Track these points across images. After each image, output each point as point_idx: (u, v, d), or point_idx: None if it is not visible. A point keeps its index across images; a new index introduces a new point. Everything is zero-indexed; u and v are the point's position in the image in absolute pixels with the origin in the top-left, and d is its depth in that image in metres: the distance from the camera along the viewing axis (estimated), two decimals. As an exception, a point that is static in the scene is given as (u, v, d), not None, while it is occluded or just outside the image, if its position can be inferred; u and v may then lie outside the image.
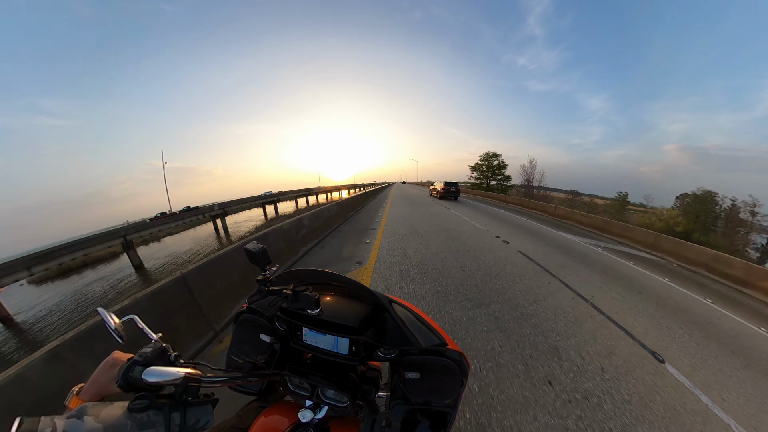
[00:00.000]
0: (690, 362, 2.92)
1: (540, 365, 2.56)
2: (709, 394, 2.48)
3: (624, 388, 2.38)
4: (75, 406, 0.51)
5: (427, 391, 0.78)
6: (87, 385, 0.60)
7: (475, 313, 3.39)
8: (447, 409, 0.78)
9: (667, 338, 3.35)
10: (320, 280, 0.92)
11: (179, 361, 0.64)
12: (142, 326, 0.70)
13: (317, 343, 0.78)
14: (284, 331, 0.87)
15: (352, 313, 0.79)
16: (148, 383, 0.54)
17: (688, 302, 4.69)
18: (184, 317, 2.71)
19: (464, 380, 0.77)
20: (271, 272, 0.88)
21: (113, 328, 0.65)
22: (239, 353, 0.90)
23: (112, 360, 0.62)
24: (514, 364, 2.55)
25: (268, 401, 0.87)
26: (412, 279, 4.42)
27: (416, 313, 0.87)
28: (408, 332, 0.77)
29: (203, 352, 2.70)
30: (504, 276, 4.74)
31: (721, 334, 3.71)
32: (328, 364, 0.80)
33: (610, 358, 2.78)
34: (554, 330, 3.17)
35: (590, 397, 2.25)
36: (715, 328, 3.86)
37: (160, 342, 0.64)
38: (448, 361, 0.76)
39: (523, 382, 2.33)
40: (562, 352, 2.78)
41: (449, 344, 0.79)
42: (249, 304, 0.90)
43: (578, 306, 3.89)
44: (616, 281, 5.15)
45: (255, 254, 0.84)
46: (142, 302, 2.36)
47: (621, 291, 4.67)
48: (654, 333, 3.42)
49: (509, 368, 2.49)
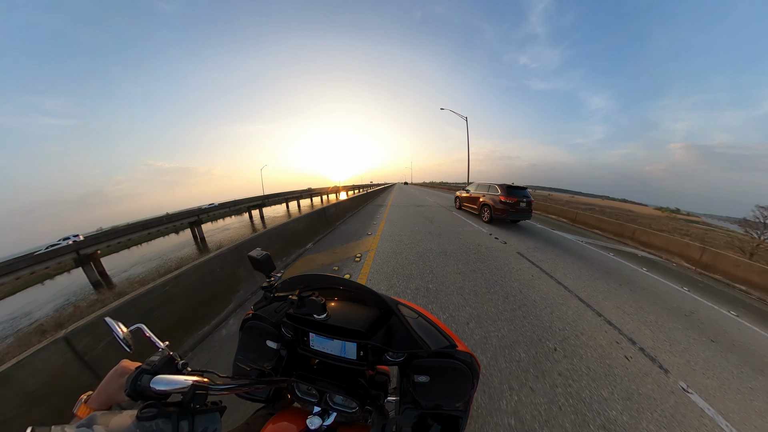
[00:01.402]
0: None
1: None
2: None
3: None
4: (84, 415, 0.52)
5: (437, 394, 0.77)
6: (95, 394, 0.60)
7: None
8: (458, 412, 0.77)
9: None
10: (326, 284, 0.92)
11: (187, 369, 0.65)
12: (149, 335, 0.71)
13: (324, 349, 0.78)
14: (291, 337, 0.87)
15: (359, 317, 0.79)
16: (157, 392, 0.54)
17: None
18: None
19: (475, 382, 0.75)
20: (276, 278, 0.88)
21: (121, 338, 0.66)
22: (246, 360, 0.90)
23: (120, 369, 0.62)
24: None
25: (276, 408, 0.86)
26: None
27: (424, 315, 0.86)
28: (416, 335, 0.76)
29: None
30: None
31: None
32: (336, 369, 0.80)
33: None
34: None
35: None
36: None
37: (168, 350, 0.65)
38: (458, 364, 0.75)
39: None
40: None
41: (459, 346, 0.78)
42: (255, 311, 0.90)
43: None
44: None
45: (259, 261, 0.84)
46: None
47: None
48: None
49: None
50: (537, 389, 2.36)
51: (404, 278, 4.58)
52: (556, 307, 3.96)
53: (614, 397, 2.39)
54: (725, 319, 4.47)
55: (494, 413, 2.09)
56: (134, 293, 2.60)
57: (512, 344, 2.97)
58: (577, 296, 4.42)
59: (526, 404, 2.19)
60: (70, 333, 1.99)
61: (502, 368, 2.58)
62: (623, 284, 5.25)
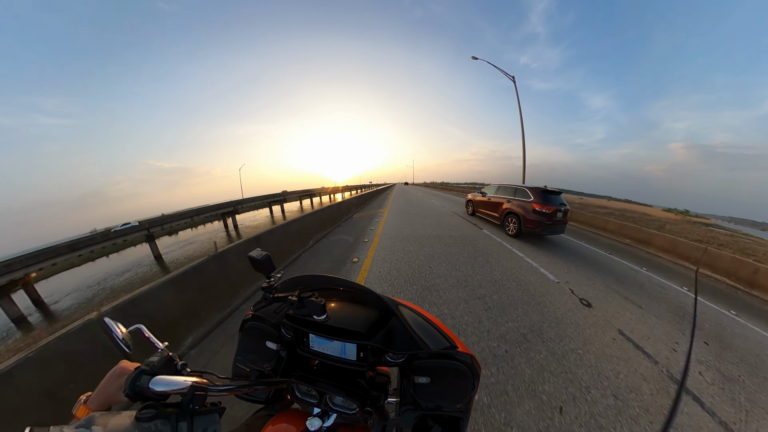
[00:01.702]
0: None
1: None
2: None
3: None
4: (82, 415, 0.52)
5: (437, 395, 0.76)
6: (94, 395, 0.60)
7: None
8: (459, 414, 0.76)
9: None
10: (326, 285, 0.92)
11: (186, 370, 0.65)
12: (149, 335, 0.70)
13: (324, 350, 0.77)
14: (290, 338, 0.86)
15: (359, 317, 0.78)
16: (156, 392, 0.54)
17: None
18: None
19: (476, 384, 0.75)
20: (275, 279, 0.87)
21: (120, 338, 0.66)
22: (245, 361, 0.90)
23: (119, 369, 0.62)
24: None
25: (276, 409, 0.86)
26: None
27: (424, 315, 0.85)
28: (417, 336, 0.76)
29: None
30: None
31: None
32: (336, 370, 0.79)
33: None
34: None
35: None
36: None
37: (167, 351, 0.65)
38: (458, 364, 0.75)
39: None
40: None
41: (459, 347, 0.77)
42: (254, 312, 0.90)
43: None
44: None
45: (259, 261, 0.84)
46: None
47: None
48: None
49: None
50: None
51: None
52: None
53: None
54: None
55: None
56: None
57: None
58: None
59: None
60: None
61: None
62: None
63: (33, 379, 1.80)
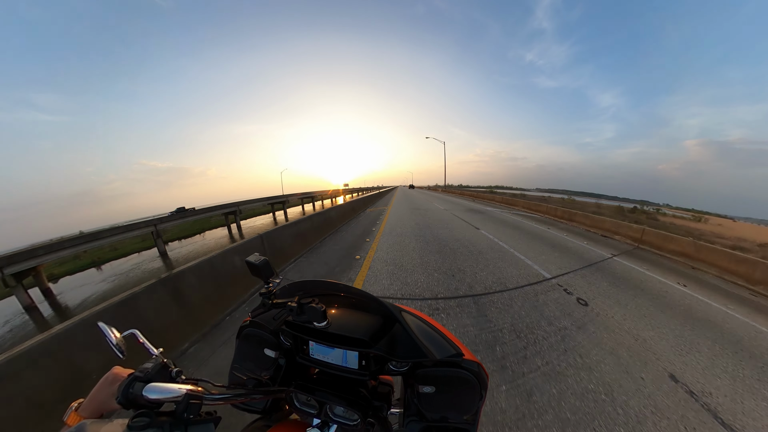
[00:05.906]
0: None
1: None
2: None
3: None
4: (73, 423, 0.50)
5: (443, 405, 0.74)
6: (86, 401, 0.59)
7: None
8: (466, 425, 0.74)
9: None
10: (326, 291, 0.90)
11: (181, 378, 0.63)
12: (143, 341, 0.69)
13: (325, 358, 0.75)
14: (290, 345, 0.84)
15: (361, 324, 0.76)
16: (149, 400, 0.52)
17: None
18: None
19: (483, 393, 0.73)
20: (274, 285, 0.86)
21: (114, 343, 0.64)
22: (242, 369, 0.87)
23: (112, 375, 0.61)
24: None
25: (273, 420, 0.83)
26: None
27: (429, 322, 0.83)
28: (421, 343, 0.74)
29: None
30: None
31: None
32: (337, 379, 0.77)
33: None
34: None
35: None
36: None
37: (161, 357, 0.63)
38: (465, 373, 0.72)
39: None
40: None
41: (465, 354, 0.75)
42: (252, 318, 0.88)
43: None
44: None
45: (257, 267, 0.83)
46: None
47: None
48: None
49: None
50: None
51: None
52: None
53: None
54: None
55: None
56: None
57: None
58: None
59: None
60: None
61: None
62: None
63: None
